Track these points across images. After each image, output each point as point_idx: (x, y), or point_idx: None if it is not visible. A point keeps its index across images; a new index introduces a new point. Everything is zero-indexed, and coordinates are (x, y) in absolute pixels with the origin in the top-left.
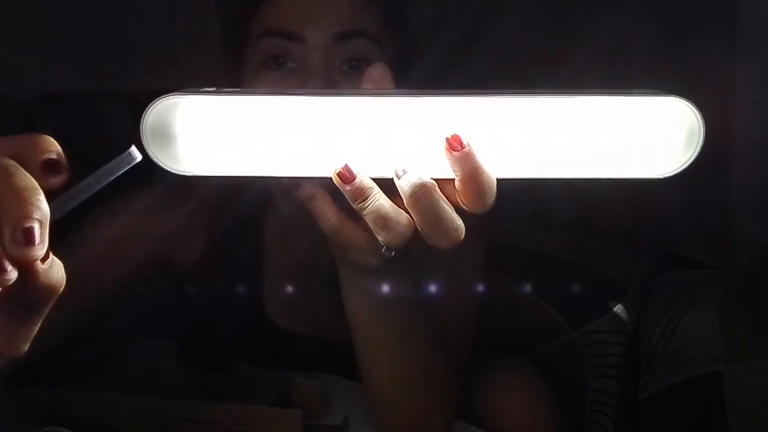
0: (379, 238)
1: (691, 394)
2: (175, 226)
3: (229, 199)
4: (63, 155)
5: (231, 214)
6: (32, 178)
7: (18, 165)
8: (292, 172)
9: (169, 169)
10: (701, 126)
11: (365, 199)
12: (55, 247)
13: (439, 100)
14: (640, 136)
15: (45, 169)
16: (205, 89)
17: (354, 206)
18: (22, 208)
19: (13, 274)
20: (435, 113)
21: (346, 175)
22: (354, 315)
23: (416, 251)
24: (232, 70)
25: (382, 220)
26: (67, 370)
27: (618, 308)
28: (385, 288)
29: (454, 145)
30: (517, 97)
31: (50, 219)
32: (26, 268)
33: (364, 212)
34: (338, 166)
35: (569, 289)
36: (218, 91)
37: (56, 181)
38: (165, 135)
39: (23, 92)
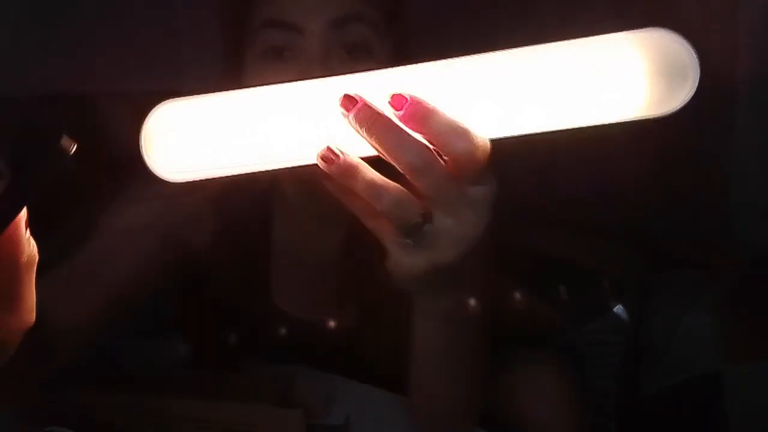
0: (385, 215)
1: (691, 394)
2: (183, 214)
3: (235, 187)
4: None
5: (236, 202)
6: None
7: None
8: (280, 162)
9: (173, 180)
10: (692, 56)
11: (354, 175)
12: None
13: (409, 69)
14: (629, 75)
15: None
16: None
17: (346, 185)
18: None
19: None
20: (406, 86)
21: (330, 156)
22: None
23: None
24: (234, 62)
25: (374, 188)
26: (68, 371)
27: (618, 308)
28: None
29: (399, 104)
30: (501, 55)
31: None
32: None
33: (357, 188)
34: (320, 149)
35: (569, 288)
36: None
37: None
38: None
39: (23, 92)
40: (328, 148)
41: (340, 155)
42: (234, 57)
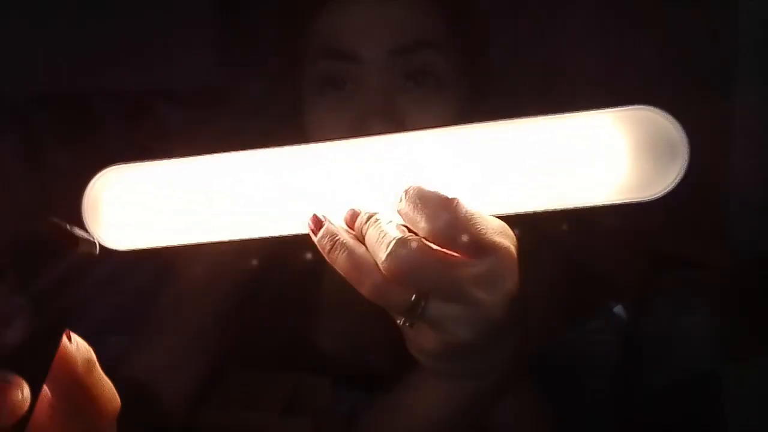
0: (370, 300)
1: (690, 394)
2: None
3: None
4: None
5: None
6: None
7: None
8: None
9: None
10: (683, 137)
11: (333, 250)
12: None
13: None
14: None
15: None
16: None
17: (329, 260)
18: None
19: None
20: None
21: (312, 225)
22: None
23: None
24: (293, 95)
25: (354, 270)
26: None
27: (617, 308)
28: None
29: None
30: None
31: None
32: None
33: (337, 266)
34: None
35: (568, 288)
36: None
37: None
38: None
39: (23, 92)
40: (314, 216)
41: (324, 221)
42: (292, 89)
